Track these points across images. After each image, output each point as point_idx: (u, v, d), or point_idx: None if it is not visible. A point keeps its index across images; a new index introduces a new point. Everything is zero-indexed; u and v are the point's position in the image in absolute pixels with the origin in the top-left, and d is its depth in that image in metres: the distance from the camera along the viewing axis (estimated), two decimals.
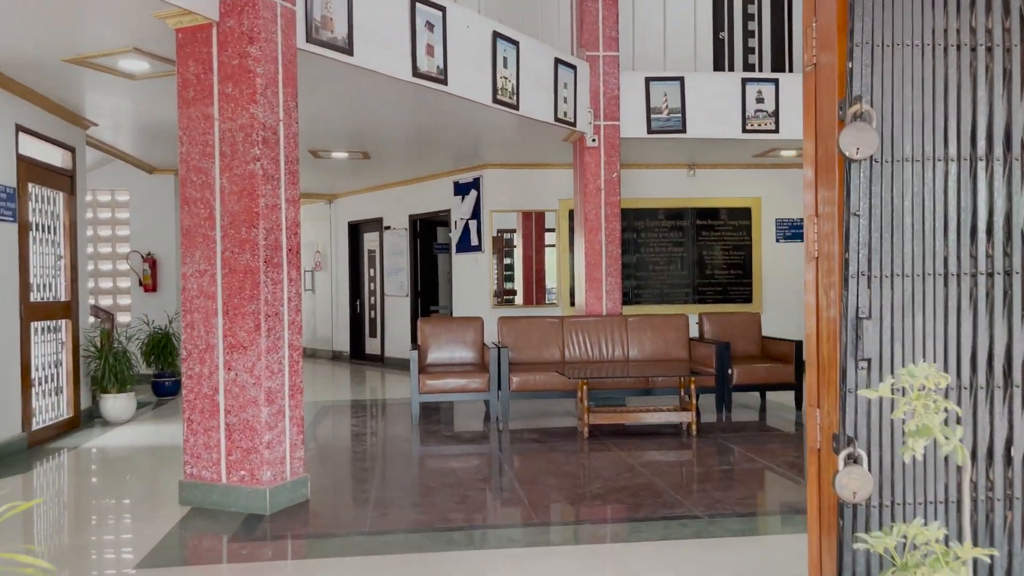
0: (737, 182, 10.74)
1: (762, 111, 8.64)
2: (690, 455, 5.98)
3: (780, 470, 5.34)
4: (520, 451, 6.14)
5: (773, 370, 7.56)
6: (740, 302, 10.70)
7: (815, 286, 2.33)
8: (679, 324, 8.02)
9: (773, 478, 5.19)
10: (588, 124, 8.17)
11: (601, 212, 8.21)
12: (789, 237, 10.81)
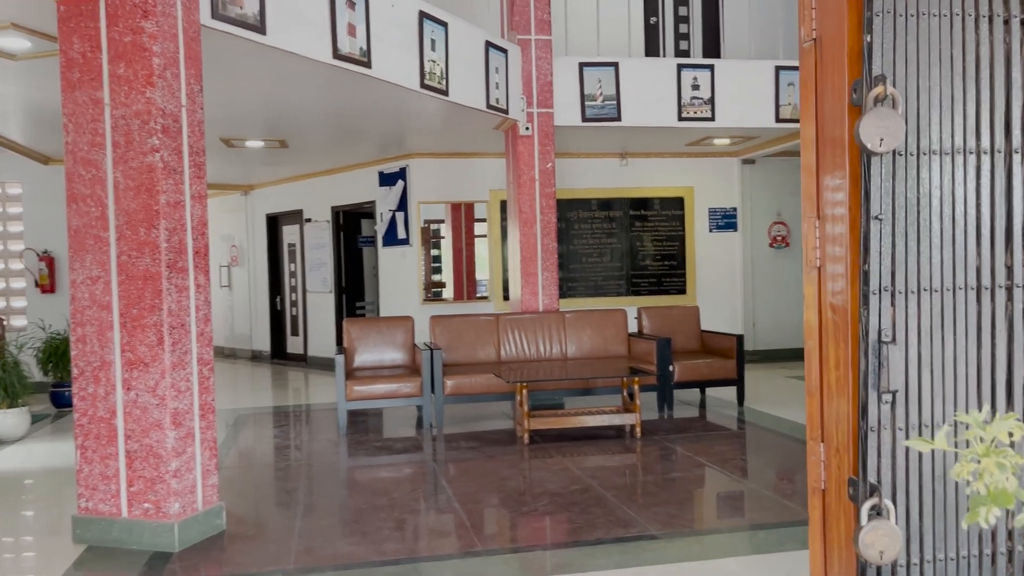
0: (670, 171, 10.53)
1: (698, 98, 8.40)
2: (638, 461, 5.68)
3: (734, 476, 5.08)
4: (458, 462, 5.74)
5: (714, 366, 7.34)
6: (674, 294, 10.51)
7: (817, 301, 1.99)
8: (618, 320, 7.73)
9: (729, 486, 4.92)
10: (521, 111, 7.78)
11: (536, 204, 7.84)
12: (721, 227, 10.66)
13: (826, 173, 1.92)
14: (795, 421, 6.78)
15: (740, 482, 4.94)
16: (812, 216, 2.00)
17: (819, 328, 1.98)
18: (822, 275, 1.96)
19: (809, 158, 2.01)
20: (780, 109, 8.56)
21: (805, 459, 5.55)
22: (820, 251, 1.96)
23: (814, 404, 2.02)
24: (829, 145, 1.91)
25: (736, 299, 10.62)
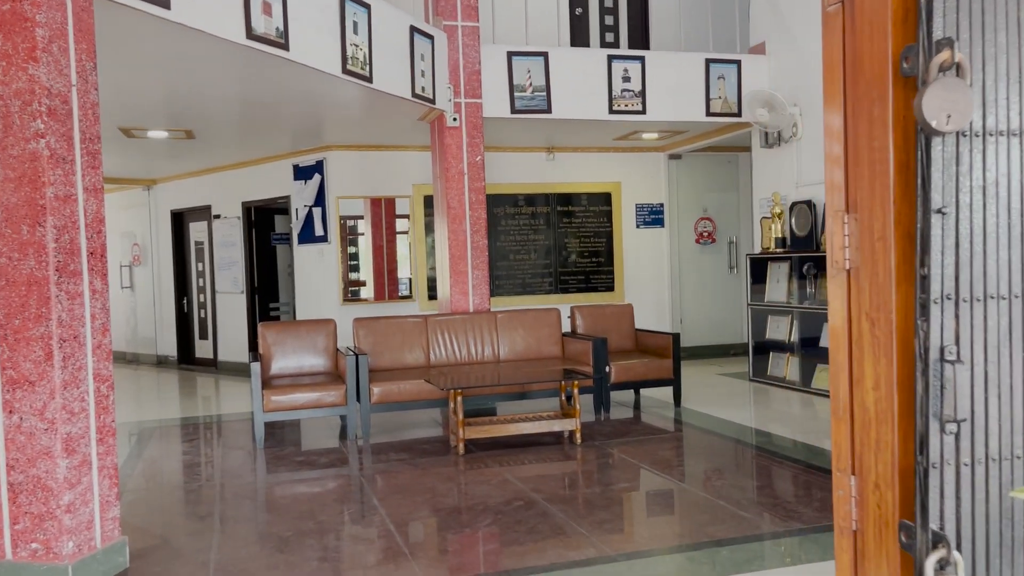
0: (597, 166, 10.31)
1: (628, 91, 8.18)
2: (582, 471, 5.39)
3: (685, 485, 4.83)
4: (388, 476, 5.33)
5: (651, 365, 7.13)
6: (603, 291, 10.31)
7: (846, 309, 1.70)
8: (551, 320, 7.43)
9: (682, 497, 4.67)
10: (448, 101, 7.38)
11: (465, 199, 7.46)
12: (649, 223, 10.51)
13: (861, 160, 1.63)
14: (733, 421, 6.62)
15: (692, 492, 4.70)
16: (839, 210, 1.70)
17: (848, 341, 1.69)
18: (854, 279, 1.67)
19: (835, 144, 1.71)
20: (711, 103, 8.42)
21: (752, 463, 5.38)
22: (851, 251, 1.67)
23: (842, 430, 1.73)
24: (865, 126, 1.61)
25: (664, 296, 10.49)
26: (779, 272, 8.33)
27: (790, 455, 5.43)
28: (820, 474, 4.95)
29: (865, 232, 1.63)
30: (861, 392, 1.67)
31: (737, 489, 4.71)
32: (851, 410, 1.71)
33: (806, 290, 7.92)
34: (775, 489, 4.70)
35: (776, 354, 8.36)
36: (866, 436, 1.65)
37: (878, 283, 1.60)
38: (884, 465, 1.60)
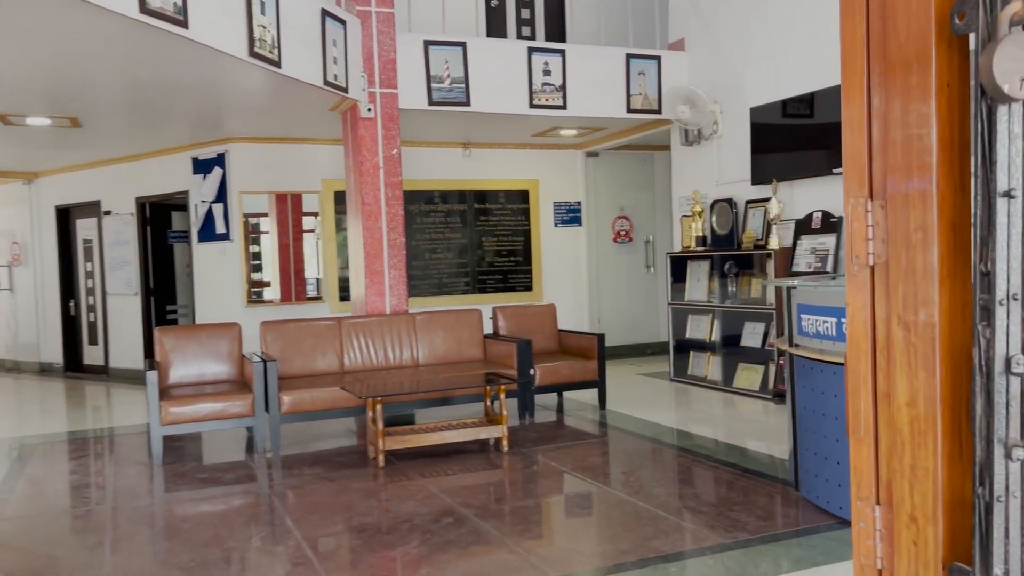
0: (514, 163, 10.06)
1: (549, 85, 7.95)
2: (512, 482, 5.10)
3: (621, 493, 4.60)
4: (302, 493, 4.91)
5: (576, 367, 6.91)
6: (521, 291, 10.06)
7: (869, 311, 1.46)
8: (473, 321, 7.12)
9: (620, 508, 4.43)
10: (362, 91, 6.98)
11: (381, 194, 7.07)
12: (566, 222, 10.33)
13: (892, 138, 1.39)
14: (661, 424, 6.47)
15: (631, 502, 4.47)
16: (862, 196, 1.46)
17: (872, 350, 1.46)
18: (880, 277, 1.43)
19: (855, 121, 1.47)
20: (632, 99, 8.28)
21: (686, 468, 5.21)
22: (876, 244, 1.43)
23: (864, 454, 1.49)
24: (898, 98, 1.37)
25: (581, 295, 10.33)
26: (699, 271, 8.26)
27: (722, 459, 5.29)
28: (755, 478, 4.81)
29: (897, 222, 1.39)
30: (890, 409, 1.43)
31: (676, 497, 4.51)
32: (875, 430, 1.47)
33: (727, 289, 7.87)
34: (714, 496, 4.52)
35: (697, 354, 8.29)
36: (897, 461, 1.42)
37: (915, 281, 1.36)
38: (923, 496, 1.36)
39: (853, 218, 1.48)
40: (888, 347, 1.43)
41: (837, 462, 3.96)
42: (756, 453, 5.42)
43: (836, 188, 6.74)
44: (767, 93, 7.40)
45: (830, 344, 4.01)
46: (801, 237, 6.98)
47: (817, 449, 4.14)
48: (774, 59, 7.38)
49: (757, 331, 7.51)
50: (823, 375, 4.04)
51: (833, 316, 3.96)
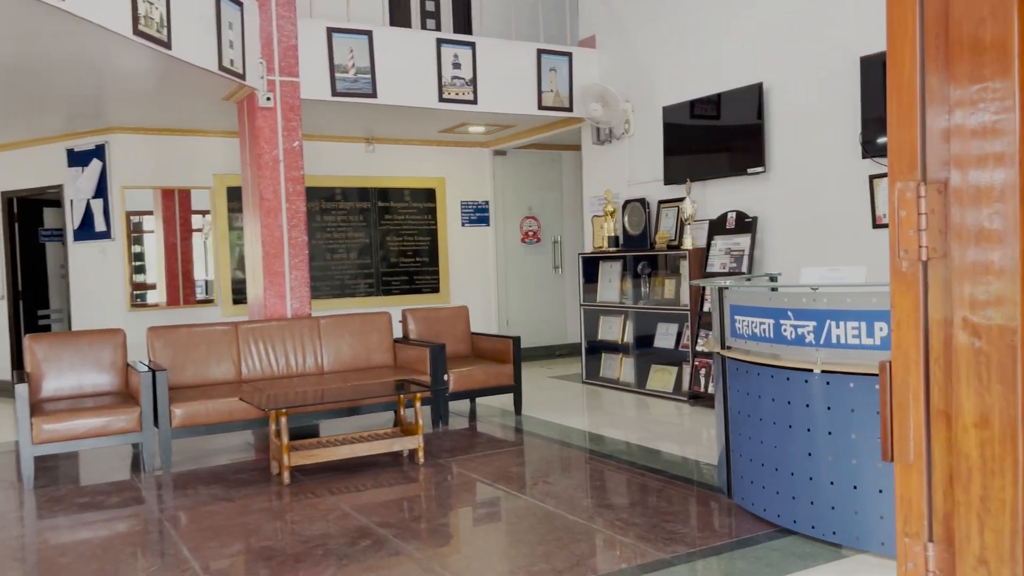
0: (420, 160, 9.71)
1: (459, 78, 7.66)
2: (431, 497, 4.77)
3: (549, 506, 4.35)
4: (198, 515, 4.44)
5: (491, 372, 6.64)
6: (427, 292, 9.72)
7: (920, 315, 1.24)
8: (381, 325, 6.75)
9: (551, 522, 4.17)
10: (261, 79, 6.50)
11: (281, 189, 6.60)
12: (474, 221, 10.06)
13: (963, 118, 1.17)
14: (579, 429, 6.28)
15: (561, 515, 4.23)
16: (911, 179, 1.24)
17: (924, 359, 1.24)
18: (937, 273, 1.21)
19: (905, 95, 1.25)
20: (543, 95, 8.08)
21: (612, 477, 5.01)
22: (931, 235, 1.21)
23: (913, 481, 1.27)
24: (970, 78, 1.16)
25: (490, 296, 10.08)
26: (612, 272, 8.13)
27: (647, 465, 5.12)
28: (683, 485, 4.66)
29: (964, 208, 1.18)
30: (951, 430, 1.21)
31: (606, 509, 4.30)
32: (928, 454, 1.25)
33: (640, 289, 7.77)
34: (645, 506, 4.33)
35: (609, 355, 8.17)
36: (962, 492, 1.20)
37: (988, 279, 1.15)
38: (997, 534, 1.15)
39: (901, 205, 1.26)
40: (947, 356, 1.21)
41: (775, 468, 3.83)
42: (681, 458, 5.29)
43: (750, 188, 6.72)
44: (679, 93, 7.34)
45: (767, 346, 3.88)
46: (715, 237, 6.93)
47: (752, 454, 4.00)
48: (685, 58, 7.33)
49: (670, 332, 7.43)
50: (759, 378, 3.91)
51: (770, 318, 3.83)
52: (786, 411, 3.76)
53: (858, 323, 3.45)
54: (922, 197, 1.23)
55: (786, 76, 6.39)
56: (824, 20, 6.07)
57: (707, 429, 6.13)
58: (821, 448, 3.61)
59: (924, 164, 1.24)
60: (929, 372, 1.25)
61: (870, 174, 5.77)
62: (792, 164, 6.38)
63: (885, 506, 3.40)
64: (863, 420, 3.45)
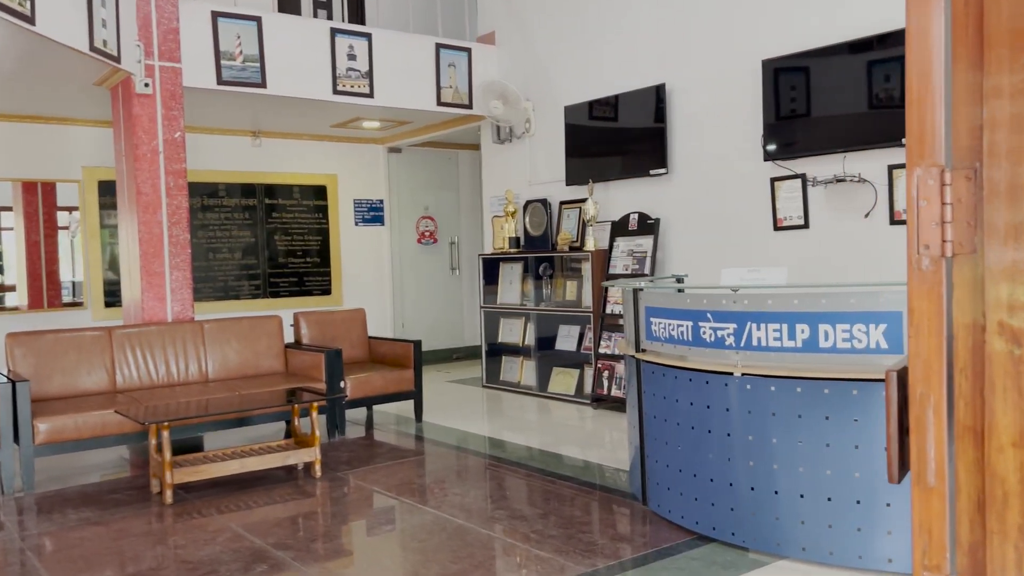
0: (311, 156, 9.29)
1: (355, 70, 7.32)
2: (331, 514, 4.46)
3: (460, 519, 4.12)
4: (69, 543, 3.97)
5: (390, 378, 6.35)
6: (319, 294, 9.30)
7: (943, 319, 1.10)
8: (272, 329, 6.34)
9: (462, 537, 3.93)
10: (138, 63, 5.98)
11: (161, 184, 6.10)
12: (368, 220, 9.71)
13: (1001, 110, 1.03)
14: (483, 435, 6.08)
15: (473, 529, 4.01)
16: (930, 165, 1.10)
17: (946, 369, 1.10)
18: (964, 271, 1.07)
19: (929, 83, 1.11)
20: (442, 91, 7.84)
21: (521, 485, 4.82)
22: (957, 228, 1.07)
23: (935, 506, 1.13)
24: (1010, 69, 1.02)
25: (385, 299, 9.75)
26: (512, 273, 7.98)
27: (556, 471, 4.97)
28: (595, 492, 4.54)
29: (999, 198, 1.04)
30: (982, 449, 1.07)
31: (519, 520, 4.11)
32: (953, 476, 1.11)
33: (542, 291, 7.65)
34: (558, 516, 4.17)
35: (509, 358, 8.00)
36: (995, 520, 1.06)
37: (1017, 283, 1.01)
38: None
39: (921, 195, 1.12)
40: (976, 365, 1.07)
41: (693, 474, 3.74)
42: (590, 464, 5.17)
43: (653, 190, 6.70)
44: (581, 92, 7.26)
45: (684, 349, 3.79)
46: (617, 239, 6.88)
47: (668, 460, 3.90)
48: (588, 58, 7.25)
49: (572, 334, 7.33)
50: (676, 382, 3.81)
51: (688, 320, 3.73)
52: (705, 415, 3.67)
53: (780, 325, 3.39)
54: (947, 185, 1.09)
55: (689, 77, 6.39)
56: (727, 22, 6.10)
57: (612, 432, 6.05)
58: (741, 453, 3.53)
59: (955, 149, 1.10)
60: (953, 383, 1.11)
61: (772, 176, 5.83)
62: (695, 166, 6.39)
63: (806, 511, 3.35)
64: (784, 424, 3.39)
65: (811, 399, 3.33)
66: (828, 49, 5.38)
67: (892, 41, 5.05)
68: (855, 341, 3.23)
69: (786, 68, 5.65)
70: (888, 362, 3.16)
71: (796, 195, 5.71)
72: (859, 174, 5.33)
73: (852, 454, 3.24)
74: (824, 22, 5.46)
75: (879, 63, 5.18)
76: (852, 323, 3.23)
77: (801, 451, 3.36)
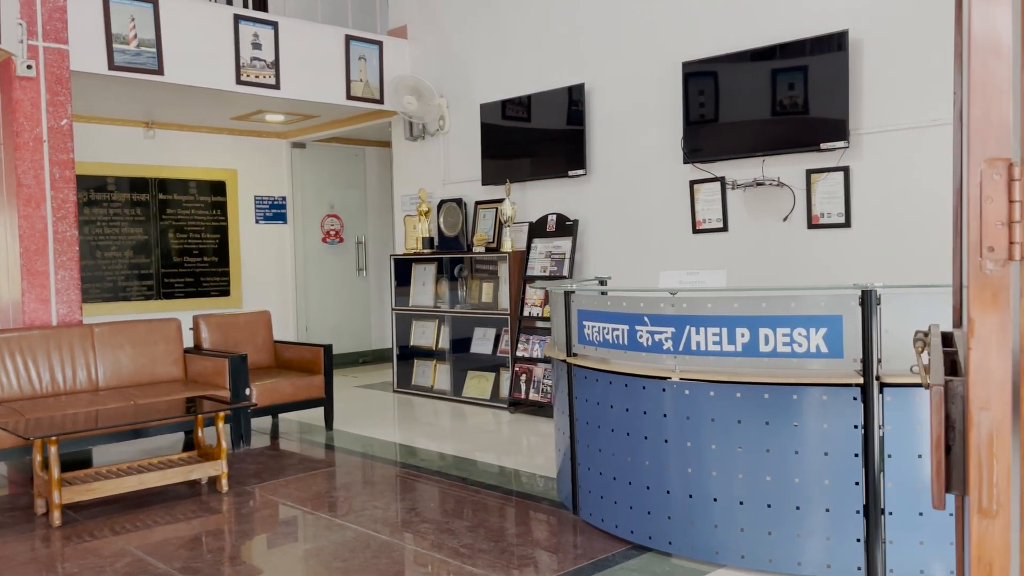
0: (209, 150, 8.80)
1: (259, 60, 6.95)
2: (242, 533, 4.14)
3: (388, 537, 3.89)
4: None
5: (299, 384, 6.03)
6: (217, 295, 8.82)
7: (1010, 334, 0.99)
8: (170, 333, 5.92)
9: (390, 554, 3.70)
10: (20, 43, 5.46)
11: (45, 175, 5.59)
12: (270, 218, 9.28)
13: None
14: (398, 443, 5.86)
15: (397, 544, 3.79)
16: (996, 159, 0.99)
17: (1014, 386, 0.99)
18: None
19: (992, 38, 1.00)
20: (352, 85, 7.55)
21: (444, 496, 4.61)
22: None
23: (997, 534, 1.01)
24: None
25: (288, 300, 9.34)
26: (426, 274, 7.76)
27: (479, 480, 4.80)
28: (523, 501, 4.40)
29: None
30: None
31: (447, 534, 3.91)
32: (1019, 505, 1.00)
33: (457, 293, 7.46)
34: (487, 528, 4.00)
35: (422, 362, 7.78)
36: None
37: None
38: None
39: (986, 192, 1.00)
40: None
41: (628, 482, 3.64)
42: (514, 471, 5.02)
43: (571, 191, 6.62)
44: (498, 90, 7.12)
45: (619, 353, 3.69)
46: (535, 240, 6.77)
47: (602, 467, 3.79)
48: (505, 55, 7.12)
49: (488, 337, 7.18)
50: (611, 387, 3.71)
51: (624, 323, 3.63)
52: (641, 421, 3.58)
53: (719, 329, 3.33)
54: (1015, 180, 0.98)
55: (609, 77, 6.34)
56: (648, 23, 6.08)
57: (531, 437, 5.92)
58: (679, 460, 3.45)
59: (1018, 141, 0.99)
60: (1020, 402, 1.00)
61: (691, 179, 5.83)
62: (614, 167, 6.34)
63: (745, 518, 3.29)
64: (723, 430, 3.33)
65: (751, 404, 3.27)
66: (745, 54, 5.42)
67: (795, 49, 5.12)
68: (795, 345, 3.19)
69: (706, 71, 5.66)
70: (817, 366, 3.14)
71: (715, 198, 5.73)
72: (778, 178, 5.38)
73: (792, 460, 3.21)
74: (743, 27, 5.50)
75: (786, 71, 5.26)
76: (793, 327, 3.19)
77: (740, 457, 3.30)
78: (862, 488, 3.11)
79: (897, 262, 4.89)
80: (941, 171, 4.73)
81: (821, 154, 5.16)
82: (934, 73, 4.73)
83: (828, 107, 5.08)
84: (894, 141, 4.91)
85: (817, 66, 5.13)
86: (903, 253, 4.89)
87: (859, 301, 3.08)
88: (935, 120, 4.74)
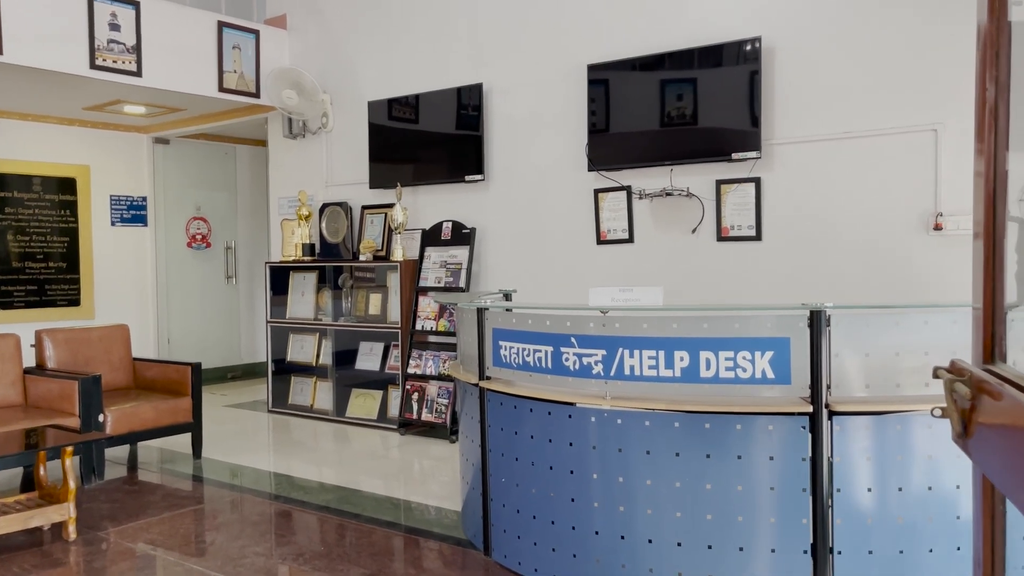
0: (57, 142, 7.87)
1: (118, 43, 6.21)
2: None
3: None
4: None
5: (163, 408, 5.34)
6: (65, 305, 7.88)
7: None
8: (6, 351, 5.10)
9: None
10: None
11: None
12: (128, 220, 8.41)
13: None
14: (276, 472, 5.27)
15: None
16: None
17: None
18: None
19: None
20: (224, 76, 6.89)
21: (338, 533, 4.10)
22: None
23: None
24: None
25: (148, 310, 8.48)
26: (305, 284, 7.16)
27: (372, 515, 4.32)
28: (425, 539, 3.96)
29: None
30: None
31: None
32: None
33: (341, 304, 6.90)
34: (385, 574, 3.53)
35: (300, 378, 7.17)
36: None
37: None
38: None
39: None
40: None
41: (551, 521, 3.27)
42: (409, 503, 4.56)
43: (468, 197, 6.23)
44: (387, 88, 6.65)
45: (542, 377, 3.32)
46: (429, 248, 6.33)
47: (519, 504, 3.41)
48: (397, 51, 6.65)
49: (376, 352, 6.67)
50: (532, 415, 3.33)
51: (548, 344, 3.27)
52: (566, 453, 3.22)
53: (656, 352, 3.02)
54: None
55: (510, 78, 6.00)
56: (552, 24, 5.78)
57: (424, 461, 5.48)
58: (608, 497, 3.12)
59: None
60: None
61: (596, 188, 5.56)
62: (515, 173, 6.00)
63: (684, 561, 2.99)
64: (660, 463, 3.01)
65: (690, 435, 2.98)
66: (652, 59, 5.20)
67: (705, 55, 4.95)
68: (739, 370, 2.92)
69: (611, 76, 5.41)
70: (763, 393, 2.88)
71: (621, 208, 5.48)
72: (687, 188, 5.18)
73: (735, 496, 2.93)
74: (651, 31, 5.28)
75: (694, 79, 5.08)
76: (737, 350, 2.91)
77: (678, 494, 3.00)
78: (810, 526, 2.86)
79: (808, 277, 4.78)
80: (855, 184, 4.64)
81: (732, 164, 4.99)
82: (848, 84, 4.64)
83: (740, 116, 4.92)
84: (807, 152, 4.80)
85: (729, 73, 4.96)
86: (814, 268, 4.78)
87: (808, 322, 2.84)
88: (847, 132, 4.65)
